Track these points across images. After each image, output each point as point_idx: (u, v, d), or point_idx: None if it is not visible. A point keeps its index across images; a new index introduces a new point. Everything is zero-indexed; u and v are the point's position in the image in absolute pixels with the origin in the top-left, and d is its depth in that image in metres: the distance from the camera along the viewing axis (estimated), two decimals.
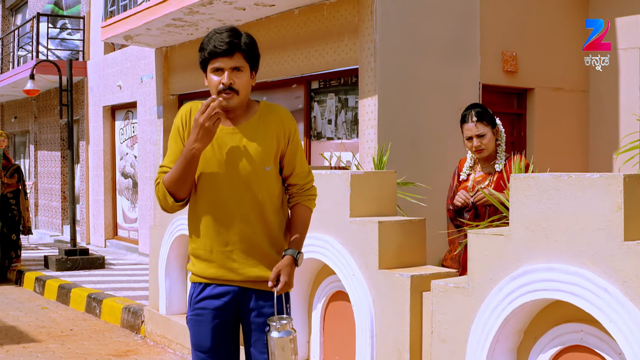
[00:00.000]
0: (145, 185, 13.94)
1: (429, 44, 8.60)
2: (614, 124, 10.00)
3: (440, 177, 8.03)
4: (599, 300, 3.51)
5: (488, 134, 5.24)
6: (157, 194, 3.47)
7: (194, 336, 3.58)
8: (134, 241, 14.75)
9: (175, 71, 12.51)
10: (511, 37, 9.64)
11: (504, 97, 9.71)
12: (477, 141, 5.23)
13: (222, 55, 3.43)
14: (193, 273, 3.60)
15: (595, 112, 10.24)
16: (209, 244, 3.52)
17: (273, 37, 10.01)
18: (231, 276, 3.53)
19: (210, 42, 3.45)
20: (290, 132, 3.62)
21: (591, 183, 3.58)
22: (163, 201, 3.45)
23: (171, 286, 7.40)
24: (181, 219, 7.03)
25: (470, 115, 5.26)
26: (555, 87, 10.01)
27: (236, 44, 3.45)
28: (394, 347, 4.79)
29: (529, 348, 4.04)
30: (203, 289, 3.55)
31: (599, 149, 10.18)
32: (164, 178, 3.43)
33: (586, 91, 10.29)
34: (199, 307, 3.55)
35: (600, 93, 10.17)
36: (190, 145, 3.33)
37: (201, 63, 3.52)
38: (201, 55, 3.51)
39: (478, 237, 4.14)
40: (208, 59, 3.46)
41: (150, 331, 7.67)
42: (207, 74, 3.49)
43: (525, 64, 9.74)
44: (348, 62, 8.87)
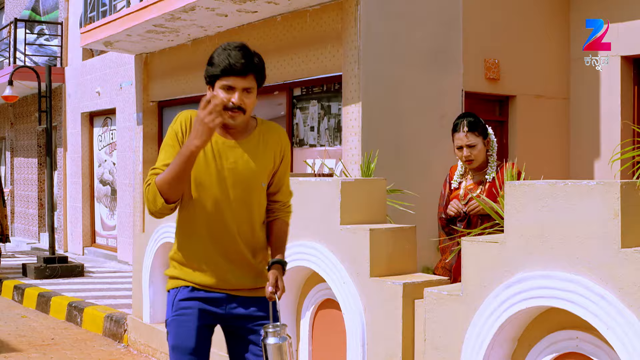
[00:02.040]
0: (124, 193, 13.85)
1: (412, 51, 8.61)
2: (594, 131, 10.06)
3: (424, 184, 8.04)
4: (596, 307, 3.51)
5: (479, 145, 5.23)
6: (147, 195, 3.38)
7: (175, 337, 3.51)
8: (112, 249, 14.65)
9: (155, 78, 12.44)
10: (493, 44, 9.68)
11: (486, 105, 9.73)
12: (467, 151, 5.22)
13: (236, 75, 3.44)
14: (177, 277, 3.57)
15: (576, 119, 10.30)
16: (202, 252, 3.53)
17: (255, 44, 9.97)
18: (222, 284, 3.55)
19: (224, 59, 3.44)
20: (286, 151, 3.69)
21: (588, 190, 3.58)
22: (152, 203, 3.36)
23: (155, 294, 7.33)
24: (166, 227, 6.97)
25: (462, 125, 5.25)
26: (536, 95, 10.06)
27: (251, 64, 3.47)
28: (385, 356, 4.76)
29: (524, 355, 4.03)
30: (191, 291, 3.53)
31: (580, 156, 10.24)
32: (157, 178, 3.35)
33: (567, 98, 10.35)
34: (184, 306, 3.52)
35: (581, 100, 10.23)
36: (189, 142, 3.27)
37: (209, 77, 3.50)
38: (212, 70, 3.48)
39: (472, 244, 4.13)
40: (219, 75, 3.45)
41: (133, 340, 7.60)
42: (215, 89, 3.48)
43: (507, 71, 9.78)
44: (331, 69, 8.86)
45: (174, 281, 3.60)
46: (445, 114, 8.77)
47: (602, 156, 9.98)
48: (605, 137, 9.95)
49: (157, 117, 12.71)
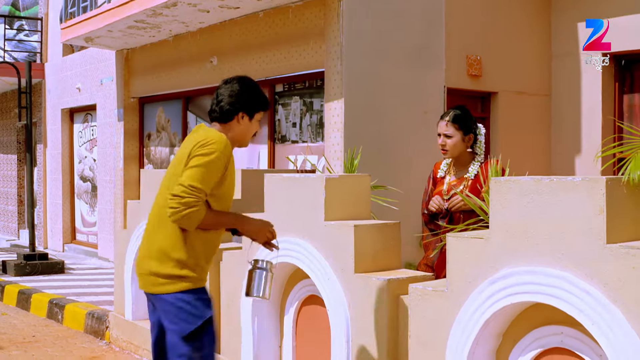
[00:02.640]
0: (105, 189, 13.79)
1: (394, 47, 8.61)
2: (575, 128, 10.10)
3: (406, 180, 8.05)
4: (581, 302, 3.53)
5: (455, 138, 5.25)
6: (192, 215, 3.87)
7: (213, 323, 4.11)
8: (93, 245, 14.58)
9: (136, 74, 12.39)
10: (476, 41, 9.70)
11: (468, 101, 9.75)
12: (442, 140, 5.29)
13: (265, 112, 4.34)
14: (200, 279, 4.09)
15: (558, 115, 10.34)
16: (212, 254, 4.19)
17: (237, 40, 9.96)
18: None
19: (266, 99, 4.30)
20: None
21: (573, 186, 3.59)
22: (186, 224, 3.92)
23: (137, 291, 7.29)
24: None
25: (447, 114, 5.29)
26: (518, 91, 10.09)
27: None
28: (370, 352, 4.76)
29: (509, 351, 4.05)
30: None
31: (561, 152, 10.28)
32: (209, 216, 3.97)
33: (548, 95, 10.39)
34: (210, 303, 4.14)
35: (562, 97, 10.27)
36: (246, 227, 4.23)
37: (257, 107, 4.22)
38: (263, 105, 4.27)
39: (457, 240, 4.14)
40: (263, 110, 4.27)
41: (115, 337, 7.57)
42: (254, 119, 4.23)
43: (490, 68, 9.81)
44: (314, 65, 8.85)
45: (195, 281, 4.06)
46: (427, 111, 8.78)
47: (583, 152, 10.03)
48: (586, 134, 9.99)
49: (138, 113, 12.66)
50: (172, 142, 11.96)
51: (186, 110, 11.60)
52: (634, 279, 3.36)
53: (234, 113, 4.16)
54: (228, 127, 4.20)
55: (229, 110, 4.16)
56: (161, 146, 12.25)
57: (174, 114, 11.92)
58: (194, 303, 4.03)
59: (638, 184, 3.63)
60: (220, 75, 10.29)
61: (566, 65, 10.18)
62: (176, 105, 11.84)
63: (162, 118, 12.25)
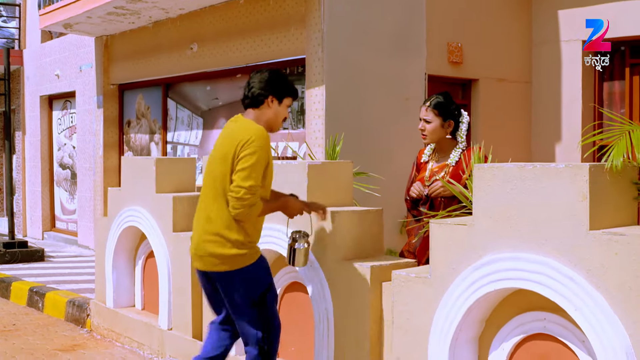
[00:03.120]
0: (85, 177, 13.71)
1: (376, 34, 8.59)
2: (556, 115, 10.13)
3: (387, 167, 8.05)
4: (564, 288, 3.54)
5: (434, 123, 5.26)
6: (253, 212, 4.43)
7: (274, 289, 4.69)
8: (72, 233, 14.50)
9: (116, 60, 12.30)
10: (456, 28, 9.69)
11: (449, 88, 9.75)
12: (422, 124, 5.31)
13: (295, 99, 4.73)
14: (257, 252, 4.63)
15: (538, 102, 10.36)
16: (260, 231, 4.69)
17: (217, 26, 9.91)
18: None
19: (294, 87, 4.69)
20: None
21: (556, 173, 3.60)
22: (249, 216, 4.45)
23: (119, 279, 7.28)
24: (129, 210, 6.92)
25: (429, 99, 5.31)
26: (499, 78, 10.10)
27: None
28: (353, 338, 4.77)
29: (492, 337, 4.06)
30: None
31: (541, 139, 10.31)
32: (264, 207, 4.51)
33: (529, 82, 10.41)
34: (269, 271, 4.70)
35: (542, 84, 10.29)
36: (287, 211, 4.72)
37: (284, 92, 4.63)
38: (291, 91, 4.67)
39: (440, 227, 4.15)
40: (293, 96, 4.69)
41: (97, 325, 7.54)
42: (282, 104, 4.64)
43: (470, 55, 9.81)
44: (294, 52, 8.81)
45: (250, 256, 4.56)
46: (408, 98, 8.78)
47: (563, 139, 10.07)
48: (567, 121, 10.03)
49: (117, 100, 12.57)
50: (152, 129, 11.90)
51: (166, 97, 11.54)
52: (616, 265, 3.38)
53: (264, 97, 4.60)
54: (260, 111, 4.63)
55: (260, 94, 4.60)
56: (141, 133, 12.18)
57: (154, 100, 11.86)
58: (255, 272, 4.57)
59: (621, 170, 3.65)
60: (201, 62, 10.26)
61: (547, 53, 10.20)
62: (156, 92, 11.78)
63: (142, 105, 12.19)
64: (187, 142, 11.17)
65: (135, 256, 7.30)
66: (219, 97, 10.55)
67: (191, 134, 11.07)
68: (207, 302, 4.95)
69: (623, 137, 3.74)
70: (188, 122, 11.12)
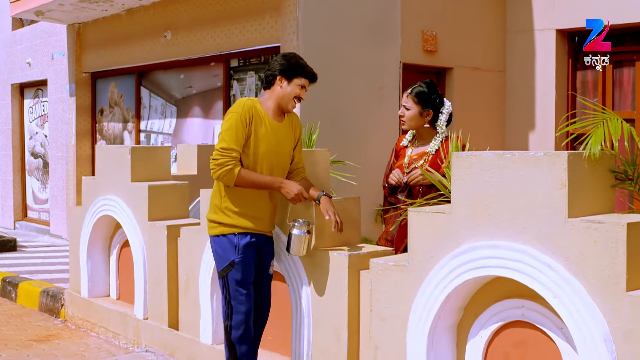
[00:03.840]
0: (57, 165, 13.59)
1: (351, 23, 8.57)
2: (530, 103, 10.17)
3: (362, 155, 8.05)
4: (543, 276, 3.56)
5: (413, 111, 5.25)
6: (226, 175, 4.59)
7: (242, 274, 4.74)
8: (45, 222, 14.39)
9: (88, 48, 12.20)
10: (431, 17, 9.69)
11: (423, 76, 9.71)
12: (402, 110, 5.31)
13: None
14: (232, 225, 4.72)
15: (512, 91, 10.40)
16: (257, 203, 4.77)
17: (192, 14, 9.85)
18: (266, 228, 4.86)
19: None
20: (301, 134, 5.01)
21: (535, 161, 3.61)
22: (224, 181, 4.65)
23: (93, 268, 7.23)
24: (104, 200, 6.86)
25: (411, 86, 5.30)
26: (473, 67, 10.12)
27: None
28: (331, 327, 4.77)
29: (470, 324, 4.08)
30: (251, 237, 4.76)
31: (515, 127, 10.35)
32: (241, 174, 4.61)
33: (503, 71, 10.44)
34: (247, 249, 4.75)
35: (516, 73, 10.33)
36: (283, 190, 4.70)
37: (294, 71, 4.75)
38: (301, 71, 4.77)
39: (419, 215, 4.15)
40: (305, 76, 4.78)
41: (71, 315, 7.49)
42: (292, 83, 4.76)
43: (445, 43, 9.82)
44: (269, 40, 8.79)
45: (227, 228, 4.73)
46: (383, 86, 8.78)
47: (537, 128, 10.12)
48: (540, 109, 10.07)
49: (90, 88, 12.48)
50: (125, 118, 11.83)
51: (139, 85, 11.47)
52: (595, 252, 3.40)
53: (273, 77, 4.78)
54: (270, 91, 4.82)
55: (269, 74, 4.80)
56: (114, 122, 12.10)
57: (127, 89, 11.78)
58: (224, 245, 4.75)
59: (598, 158, 3.67)
60: (175, 50, 10.20)
61: (521, 42, 10.24)
62: (129, 80, 11.70)
63: (114, 93, 12.10)
64: (160, 130, 11.11)
65: (110, 245, 7.25)
66: (192, 86, 10.49)
67: (165, 123, 11.01)
68: None
69: (601, 126, 3.75)
70: (162, 111, 11.06)
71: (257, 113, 4.70)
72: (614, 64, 9.74)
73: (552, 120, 9.94)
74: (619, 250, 3.33)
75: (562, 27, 9.88)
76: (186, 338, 5.99)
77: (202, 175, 7.89)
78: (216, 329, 5.72)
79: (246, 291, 4.78)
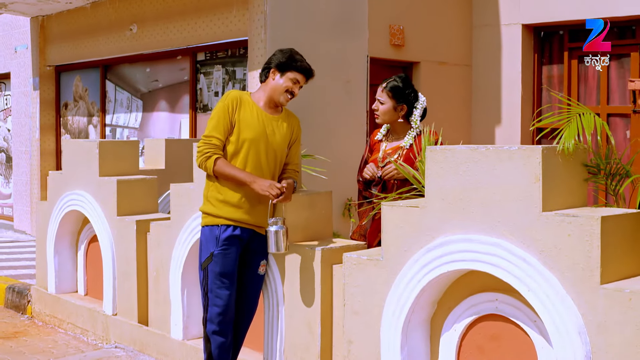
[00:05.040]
0: (21, 160, 13.44)
1: (318, 16, 8.56)
2: (495, 98, 10.24)
3: (327, 149, 8.04)
4: (518, 269, 3.58)
5: (387, 105, 5.26)
6: (204, 163, 4.68)
7: (220, 266, 4.71)
8: (8, 218, 14.22)
9: (52, 41, 12.06)
10: (398, 11, 9.71)
11: (390, 71, 9.77)
12: (376, 104, 5.31)
13: (306, 76, 4.85)
14: (216, 215, 4.73)
15: (478, 86, 10.46)
16: (244, 194, 4.70)
17: (158, 7, 9.78)
18: (253, 221, 4.76)
19: (305, 64, 4.84)
20: (298, 135, 5.01)
21: (509, 155, 3.63)
22: (204, 169, 4.73)
23: (61, 264, 7.16)
24: (72, 194, 6.80)
25: (386, 80, 5.30)
26: (440, 61, 10.16)
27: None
28: (304, 322, 4.76)
29: (444, 318, 4.09)
30: (233, 229, 4.73)
31: (481, 122, 10.41)
32: (219, 166, 4.65)
33: (469, 65, 10.49)
34: (227, 242, 4.72)
35: (482, 67, 10.39)
36: (254, 182, 4.63)
37: (286, 65, 4.77)
38: (294, 65, 4.78)
39: (392, 209, 4.15)
40: (297, 70, 4.79)
41: (38, 311, 7.41)
42: (284, 76, 4.78)
43: (412, 38, 9.84)
44: (237, 33, 8.76)
45: (212, 219, 4.75)
46: (350, 80, 8.78)
47: (502, 122, 10.18)
48: (506, 104, 10.14)
49: (54, 82, 12.34)
50: (90, 112, 11.71)
51: (105, 79, 11.36)
52: (569, 246, 3.43)
53: (267, 70, 4.84)
54: (265, 84, 4.87)
55: (265, 67, 4.87)
56: (79, 116, 11.99)
57: (92, 82, 11.67)
58: (207, 235, 4.77)
59: (572, 153, 3.69)
60: (140, 44, 10.12)
61: (487, 36, 10.29)
62: (94, 73, 11.59)
63: (79, 87, 11.98)
64: (126, 124, 11.02)
65: (78, 241, 7.18)
66: (159, 79, 10.42)
67: (130, 117, 10.93)
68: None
69: (574, 120, 3.78)
70: (127, 105, 10.98)
71: (243, 102, 4.76)
72: (578, 59, 9.84)
73: (518, 115, 10.02)
74: (593, 243, 3.36)
75: (527, 21, 9.95)
76: (157, 334, 5.95)
77: (170, 169, 7.85)
78: (187, 325, 5.69)
79: (224, 285, 4.74)
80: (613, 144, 3.93)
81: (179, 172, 7.38)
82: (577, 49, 9.83)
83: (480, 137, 10.27)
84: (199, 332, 5.65)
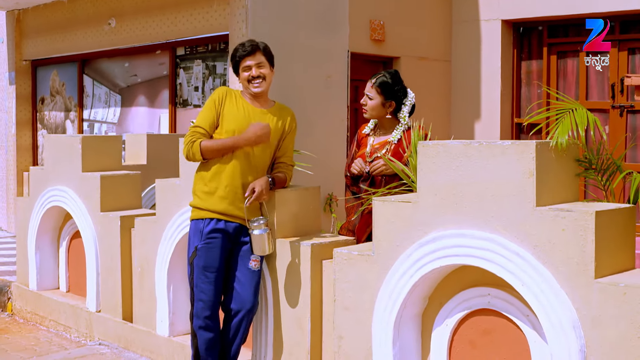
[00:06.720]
0: None
1: (299, 11, 8.53)
2: (475, 93, 10.27)
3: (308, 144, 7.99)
4: (512, 264, 3.59)
5: (375, 101, 5.24)
6: (190, 149, 4.71)
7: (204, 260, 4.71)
8: None
9: (28, 35, 11.94)
10: (379, 6, 9.71)
11: (371, 65, 9.78)
12: (364, 99, 5.29)
13: (247, 55, 4.84)
14: (201, 208, 4.75)
15: (457, 81, 10.48)
16: (229, 186, 4.72)
17: (137, 1, 9.71)
18: (237, 212, 4.72)
19: (242, 47, 4.86)
20: (292, 129, 5.09)
21: (503, 150, 3.64)
22: (192, 157, 4.74)
23: (42, 260, 7.10)
24: (54, 190, 6.74)
25: (375, 76, 5.27)
26: (420, 57, 10.17)
27: (255, 45, 4.89)
28: (294, 317, 4.75)
29: (435, 313, 4.10)
30: (210, 222, 4.73)
31: (460, 117, 10.44)
32: (204, 144, 4.69)
33: (449, 61, 10.51)
34: (212, 235, 4.72)
35: (462, 63, 10.41)
36: (242, 143, 4.68)
37: (234, 67, 4.90)
38: (234, 61, 4.88)
39: (384, 204, 4.15)
40: (238, 60, 4.85)
41: (19, 308, 7.34)
42: (240, 74, 4.88)
43: (392, 33, 9.85)
44: (217, 28, 8.71)
45: (198, 212, 4.78)
46: (330, 75, 8.76)
47: (482, 117, 10.22)
48: (485, 99, 10.18)
49: (30, 76, 12.21)
50: (67, 107, 11.62)
51: (82, 73, 11.27)
52: (563, 240, 3.44)
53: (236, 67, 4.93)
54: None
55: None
56: (56, 111, 11.88)
57: (69, 77, 11.57)
58: (192, 229, 4.81)
59: (565, 148, 3.71)
60: (119, 38, 10.04)
61: (466, 32, 10.32)
62: (71, 68, 11.49)
63: (56, 82, 11.87)
64: (104, 119, 10.94)
65: (60, 237, 7.12)
66: (137, 74, 10.36)
67: (109, 112, 10.85)
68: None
69: (567, 115, 3.80)
70: (105, 100, 10.90)
71: (230, 96, 4.85)
72: (557, 54, 9.89)
73: (498, 110, 10.06)
74: (588, 238, 3.38)
75: (507, 17, 9.99)
76: (142, 330, 5.92)
77: (152, 164, 7.81)
78: (173, 321, 5.67)
79: (208, 279, 4.71)
80: (605, 139, 3.95)
81: (161, 167, 7.33)
82: (556, 44, 9.88)
83: (459, 132, 10.30)
84: (186, 328, 5.63)
